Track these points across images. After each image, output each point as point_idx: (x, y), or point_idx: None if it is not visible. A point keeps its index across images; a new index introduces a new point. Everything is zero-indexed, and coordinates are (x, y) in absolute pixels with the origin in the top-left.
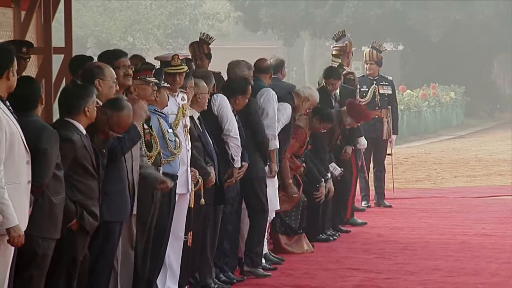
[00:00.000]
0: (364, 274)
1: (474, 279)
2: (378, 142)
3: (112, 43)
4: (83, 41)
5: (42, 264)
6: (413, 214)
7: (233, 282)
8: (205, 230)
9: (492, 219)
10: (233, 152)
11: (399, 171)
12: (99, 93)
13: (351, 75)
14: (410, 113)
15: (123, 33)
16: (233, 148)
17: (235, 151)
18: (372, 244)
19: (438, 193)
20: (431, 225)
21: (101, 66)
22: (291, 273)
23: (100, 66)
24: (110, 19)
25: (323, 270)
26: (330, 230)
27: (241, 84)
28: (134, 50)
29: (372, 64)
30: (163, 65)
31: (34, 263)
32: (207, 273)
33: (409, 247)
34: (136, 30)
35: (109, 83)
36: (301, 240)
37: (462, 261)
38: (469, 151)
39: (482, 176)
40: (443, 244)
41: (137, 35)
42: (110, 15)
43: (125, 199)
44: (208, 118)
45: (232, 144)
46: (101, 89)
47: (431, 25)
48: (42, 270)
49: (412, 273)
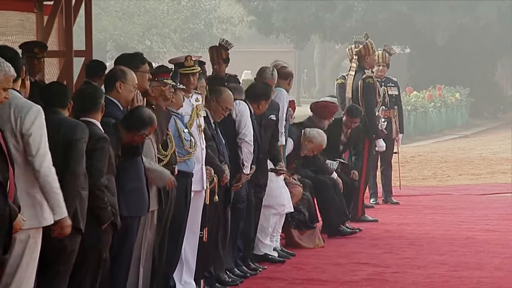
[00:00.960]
0: (372, 268)
1: (478, 273)
2: (387, 141)
3: (131, 46)
4: (102, 45)
5: (69, 259)
6: (420, 210)
7: (246, 276)
8: (218, 226)
9: (495, 216)
10: (244, 157)
11: (406, 169)
12: (119, 94)
13: (370, 79)
14: (417, 113)
15: (141, 37)
16: (245, 154)
17: (246, 156)
18: (380, 240)
19: (444, 190)
20: (437, 221)
21: (125, 70)
22: (302, 267)
23: (124, 70)
24: (128, 23)
25: (333, 264)
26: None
27: (264, 89)
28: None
29: (384, 66)
30: (176, 67)
31: (62, 258)
32: (220, 267)
33: (415, 243)
34: (154, 34)
35: (130, 87)
36: (314, 235)
37: (467, 256)
38: (474, 150)
39: (486, 174)
40: (448, 239)
41: (155, 38)
42: (128, 19)
43: (143, 196)
44: (226, 121)
45: (245, 150)
46: (121, 92)
47: (437, 28)
48: (69, 265)
49: (419, 267)
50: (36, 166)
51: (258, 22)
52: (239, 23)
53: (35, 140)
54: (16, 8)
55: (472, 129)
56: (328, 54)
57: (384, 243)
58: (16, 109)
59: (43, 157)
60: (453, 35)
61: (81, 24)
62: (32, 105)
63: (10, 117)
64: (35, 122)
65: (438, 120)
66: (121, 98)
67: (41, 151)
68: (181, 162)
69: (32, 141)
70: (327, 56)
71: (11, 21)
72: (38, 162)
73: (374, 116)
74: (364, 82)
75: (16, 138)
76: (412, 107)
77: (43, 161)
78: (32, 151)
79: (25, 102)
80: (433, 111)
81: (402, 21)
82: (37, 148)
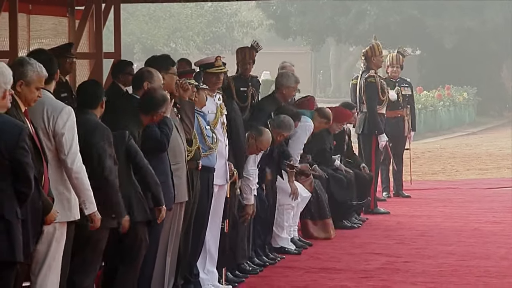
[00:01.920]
0: (385, 258)
1: (485, 262)
2: (400, 138)
3: (156, 49)
4: (130, 47)
5: (95, 250)
6: (430, 203)
7: (265, 265)
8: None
9: (501, 208)
10: (243, 190)
11: (416, 164)
12: None
13: (372, 78)
14: (427, 112)
15: (166, 40)
16: (244, 188)
17: (244, 190)
18: (392, 231)
19: (452, 184)
20: (446, 214)
21: (151, 71)
22: (318, 257)
23: (150, 71)
24: (154, 27)
25: (347, 254)
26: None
27: (289, 123)
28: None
29: (398, 67)
30: (204, 67)
31: (89, 248)
32: (241, 256)
33: (426, 234)
34: (178, 37)
35: (156, 86)
36: (327, 225)
37: (474, 246)
38: (481, 146)
39: (492, 169)
40: (457, 231)
41: (179, 41)
42: (154, 23)
43: (169, 189)
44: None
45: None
46: None
47: (446, 32)
48: (95, 257)
49: (429, 257)
50: (69, 164)
51: (277, 25)
52: (258, 27)
53: (68, 139)
54: (50, 13)
55: (479, 126)
56: (343, 56)
57: (396, 234)
58: (49, 109)
59: (75, 156)
60: (461, 38)
61: (110, 28)
62: (64, 106)
63: (43, 117)
64: (67, 122)
65: (447, 118)
66: None
67: (73, 149)
68: (204, 157)
69: (64, 140)
70: (341, 58)
71: (45, 25)
72: (70, 160)
73: (375, 114)
74: (366, 81)
75: (48, 137)
76: (422, 106)
77: (75, 159)
78: (64, 150)
79: (57, 102)
80: (442, 109)
81: (413, 25)
82: (69, 147)
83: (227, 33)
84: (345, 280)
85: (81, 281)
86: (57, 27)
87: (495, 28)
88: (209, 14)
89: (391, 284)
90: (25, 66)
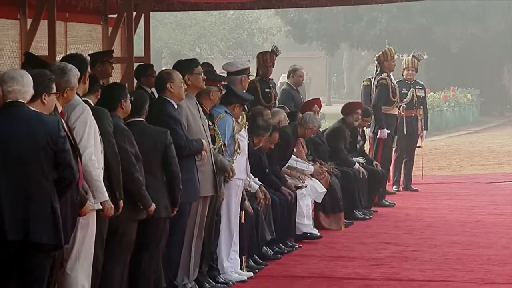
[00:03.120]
0: (394, 247)
1: (488, 251)
2: (413, 136)
3: (183, 53)
4: (159, 52)
5: (122, 241)
6: (436, 196)
7: (284, 252)
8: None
9: (503, 201)
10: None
11: (424, 160)
12: (172, 93)
13: (384, 81)
14: (434, 112)
15: (192, 45)
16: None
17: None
18: (401, 222)
19: (457, 179)
20: (451, 206)
21: (170, 72)
22: (333, 246)
23: (169, 72)
24: (181, 33)
25: (360, 243)
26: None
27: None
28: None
29: (413, 70)
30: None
31: (116, 239)
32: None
33: (432, 225)
34: (203, 42)
35: (178, 83)
36: (339, 219)
37: (477, 236)
38: (483, 143)
39: (494, 165)
40: (461, 222)
41: (204, 46)
42: (181, 30)
43: (195, 185)
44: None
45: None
46: (173, 90)
47: (451, 38)
48: (123, 247)
49: (436, 246)
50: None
51: (294, 32)
52: (277, 33)
53: (78, 133)
54: (85, 20)
55: (482, 125)
56: (355, 60)
57: (404, 225)
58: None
59: (84, 149)
60: (465, 43)
61: (140, 34)
62: (79, 103)
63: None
64: (79, 117)
65: (452, 117)
66: (174, 96)
67: (82, 143)
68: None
69: (75, 133)
70: (354, 62)
71: (80, 32)
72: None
73: (379, 110)
74: (378, 83)
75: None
76: (430, 106)
77: (83, 152)
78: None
79: (75, 100)
80: (448, 109)
81: (421, 31)
82: (78, 141)
83: (248, 39)
84: (357, 268)
85: (112, 269)
86: (92, 34)
87: (497, 34)
88: (232, 21)
89: (400, 271)
90: (68, 73)
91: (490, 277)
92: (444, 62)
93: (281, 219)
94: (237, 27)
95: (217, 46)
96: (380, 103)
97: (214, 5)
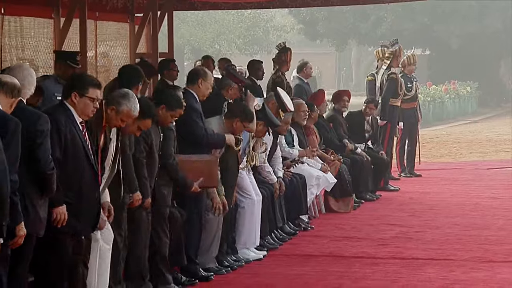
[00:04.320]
0: (399, 228)
1: (486, 232)
2: (414, 125)
3: (203, 49)
4: (181, 48)
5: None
6: (437, 182)
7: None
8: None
9: (500, 186)
10: (264, 175)
11: (426, 148)
12: (199, 89)
13: (394, 75)
14: (435, 103)
15: (212, 42)
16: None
17: (264, 175)
18: (405, 205)
19: (457, 165)
20: (452, 191)
21: (207, 72)
22: (342, 227)
23: (206, 71)
24: (201, 31)
25: (367, 225)
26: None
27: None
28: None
29: (415, 65)
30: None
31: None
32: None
33: (434, 208)
34: (222, 39)
35: (208, 85)
36: (348, 202)
37: (476, 218)
38: (481, 133)
39: (491, 152)
40: (460, 205)
41: (222, 43)
42: (201, 28)
43: None
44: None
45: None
46: (201, 87)
47: (452, 35)
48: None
49: (437, 228)
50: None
51: (306, 29)
52: (290, 31)
53: None
54: (114, 19)
55: (480, 116)
56: (363, 56)
57: (408, 208)
58: None
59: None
60: (465, 40)
61: (164, 32)
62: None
63: None
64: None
65: (452, 108)
66: (199, 93)
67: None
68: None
69: None
70: (362, 57)
71: (109, 29)
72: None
73: (386, 102)
74: (388, 76)
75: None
76: (432, 98)
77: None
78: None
79: None
80: (448, 101)
81: (424, 29)
82: None
83: (264, 36)
84: (365, 247)
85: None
86: (120, 31)
87: (495, 32)
88: (248, 20)
89: (405, 251)
90: (127, 101)
91: (487, 256)
92: (445, 58)
93: (292, 199)
94: (254, 25)
95: (234, 43)
96: (389, 96)
97: (232, 5)
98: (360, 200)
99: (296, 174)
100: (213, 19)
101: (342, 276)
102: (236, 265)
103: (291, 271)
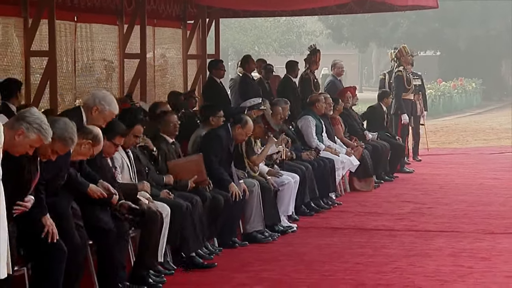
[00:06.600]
0: (413, 205)
1: (489, 208)
2: (416, 117)
3: (244, 51)
4: (226, 50)
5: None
6: (447, 165)
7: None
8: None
9: (501, 168)
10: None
11: (437, 136)
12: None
13: (400, 72)
14: (445, 97)
15: (252, 45)
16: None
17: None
18: (419, 185)
19: (464, 151)
20: (459, 172)
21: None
22: (364, 204)
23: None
24: (243, 35)
25: (386, 202)
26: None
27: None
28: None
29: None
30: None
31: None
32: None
33: (444, 187)
34: (261, 42)
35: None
36: (370, 182)
37: (480, 196)
38: (485, 122)
39: (494, 140)
40: (467, 185)
41: (261, 46)
42: (243, 32)
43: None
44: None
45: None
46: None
47: (459, 38)
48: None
49: (446, 204)
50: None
51: (333, 33)
52: (320, 35)
53: None
54: (169, 25)
55: (484, 108)
56: (382, 56)
57: (421, 187)
58: None
59: None
60: (471, 42)
61: (211, 36)
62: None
63: None
64: None
65: (459, 102)
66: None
67: None
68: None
69: None
70: (381, 58)
71: (165, 34)
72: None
73: (399, 98)
74: (395, 74)
75: None
76: (442, 93)
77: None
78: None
79: None
80: (456, 95)
81: (435, 33)
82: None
83: (296, 40)
84: (384, 221)
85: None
86: (174, 36)
87: (498, 35)
88: (284, 25)
89: (418, 224)
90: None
91: (490, 228)
92: (453, 58)
93: (322, 179)
94: (288, 30)
95: (271, 46)
96: (399, 91)
97: (270, 13)
98: (380, 181)
99: (325, 158)
100: (253, 25)
101: (365, 246)
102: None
103: (321, 241)
